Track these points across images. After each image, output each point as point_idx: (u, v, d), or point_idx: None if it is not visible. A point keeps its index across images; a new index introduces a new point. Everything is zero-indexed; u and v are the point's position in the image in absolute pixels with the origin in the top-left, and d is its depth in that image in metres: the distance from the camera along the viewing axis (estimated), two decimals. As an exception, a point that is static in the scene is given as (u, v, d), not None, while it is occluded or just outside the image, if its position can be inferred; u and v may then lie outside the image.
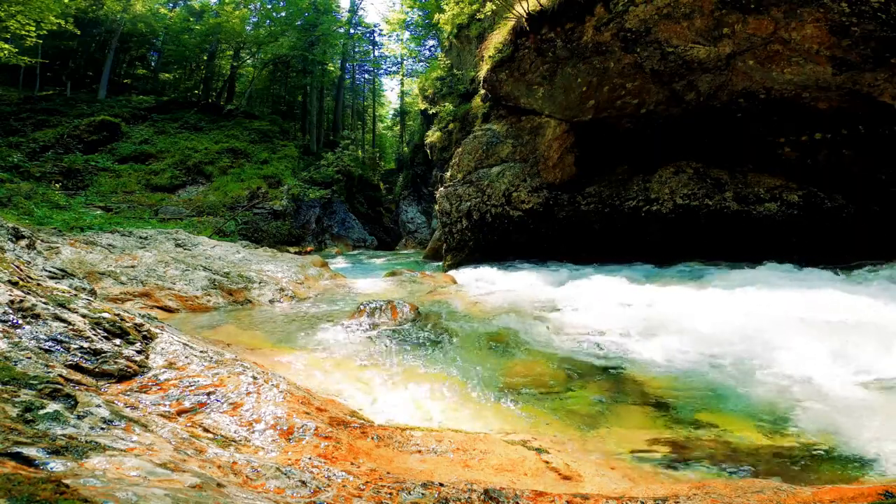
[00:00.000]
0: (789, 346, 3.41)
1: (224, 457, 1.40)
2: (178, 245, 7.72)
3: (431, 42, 31.45)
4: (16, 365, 1.46)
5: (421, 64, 33.99)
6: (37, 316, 1.81)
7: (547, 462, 1.91)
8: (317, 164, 24.18)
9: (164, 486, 0.97)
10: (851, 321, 3.84)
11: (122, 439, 1.27)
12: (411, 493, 1.36)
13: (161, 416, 1.60)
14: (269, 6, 29.01)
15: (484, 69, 9.43)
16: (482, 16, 12.50)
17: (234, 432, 1.67)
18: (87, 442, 1.16)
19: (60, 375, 1.52)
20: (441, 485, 1.42)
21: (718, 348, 3.60)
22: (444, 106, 19.25)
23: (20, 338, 1.64)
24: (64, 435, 1.15)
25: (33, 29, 15.71)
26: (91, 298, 2.52)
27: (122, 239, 7.40)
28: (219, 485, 1.11)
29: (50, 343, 1.71)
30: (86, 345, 1.81)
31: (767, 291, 5.06)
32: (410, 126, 35.89)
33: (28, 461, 0.96)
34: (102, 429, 1.29)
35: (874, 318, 3.90)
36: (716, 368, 3.30)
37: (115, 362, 1.83)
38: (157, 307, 4.98)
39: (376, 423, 2.20)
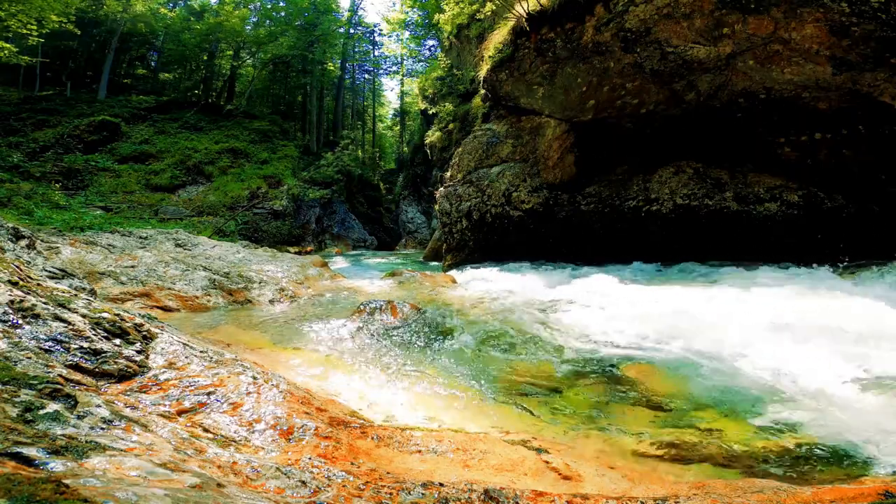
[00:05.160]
0: (789, 346, 3.41)
1: (224, 457, 1.40)
2: (178, 245, 7.72)
3: (431, 42, 31.46)
4: (16, 365, 1.46)
5: (421, 64, 34.00)
6: (37, 316, 1.81)
7: (547, 462, 1.91)
8: (317, 164, 24.20)
9: (164, 486, 0.97)
10: (851, 321, 3.84)
11: (122, 439, 1.27)
12: (411, 493, 1.36)
13: (161, 416, 1.60)
14: (269, 6, 29.01)
15: (484, 69, 9.42)
16: (482, 16, 12.49)
17: (234, 432, 1.67)
18: (87, 442, 1.16)
19: (60, 375, 1.52)
20: (441, 485, 1.42)
21: (718, 348, 3.60)
22: (444, 106, 19.26)
23: (20, 338, 1.64)
24: (64, 435, 1.15)
25: (35, 28, 15.71)
26: (91, 298, 2.52)
27: (122, 239, 7.41)
28: (219, 485, 1.11)
29: (50, 343, 1.71)
30: (86, 345, 1.81)
31: (767, 291, 5.06)
32: (410, 126, 35.91)
33: (28, 461, 0.96)
34: (102, 429, 1.29)
35: (874, 318, 3.90)
36: (716, 368, 3.30)
37: (115, 362, 1.83)
38: (157, 307, 4.98)
39: (376, 423, 2.20)
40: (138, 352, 2.00)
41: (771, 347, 3.45)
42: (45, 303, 1.93)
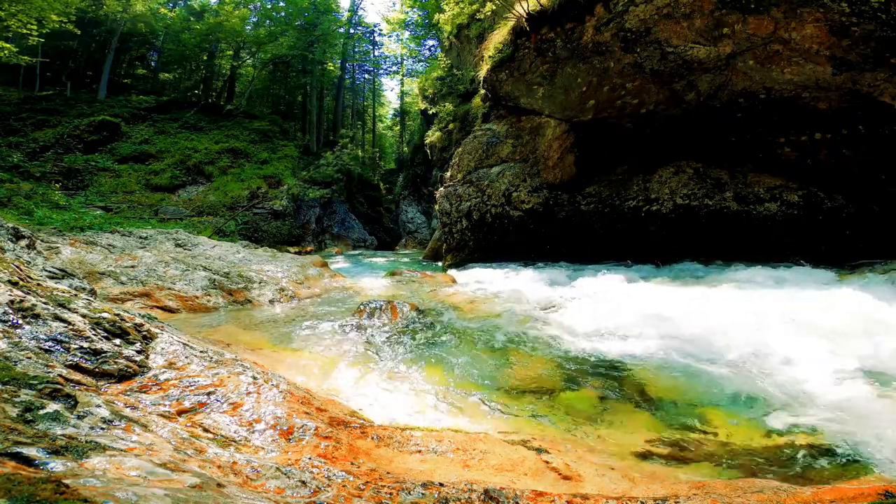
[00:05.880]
0: (789, 346, 3.41)
1: (224, 457, 1.40)
2: (178, 245, 7.72)
3: (431, 42, 31.44)
4: (16, 365, 1.46)
5: (421, 64, 33.98)
6: (37, 316, 1.81)
7: (547, 462, 1.91)
8: (317, 164, 24.20)
9: (164, 486, 0.97)
10: (851, 321, 3.84)
11: (122, 439, 1.27)
12: (411, 493, 1.36)
13: (161, 416, 1.60)
14: (269, 6, 29.00)
15: (484, 69, 9.42)
16: (482, 16, 12.49)
17: (234, 432, 1.67)
18: (87, 442, 1.16)
19: (60, 375, 1.52)
20: (441, 485, 1.42)
21: (718, 348, 3.60)
22: (444, 106, 19.25)
23: (20, 338, 1.64)
24: (64, 435, 1.15)
25: (35, 28, 15.72)
26: (91, 298, 2.52)
27: (122, 239, 7.41)
28: (219, 485, 1.11)
29: (50, 343, 1.71)
30: (86, 345, 1.81)
31: (767, 291, 5.06)
32: (410, 126, 35.90)
33: (28, 461, 0.96)
34: (102, 429, 1.29)
35: (873, 318, 3.90)
36: (715, 368, 3.30)
37: (115, 362, 1.83)
38: (157, 307, 4.98)
39: (376, 423, 2.20)
40: (138, 352, 2.00)
41: (771, 347, 3.45)
42: (45, 303, 1.93)
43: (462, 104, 18.68)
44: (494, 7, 9.73)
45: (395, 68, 38.73)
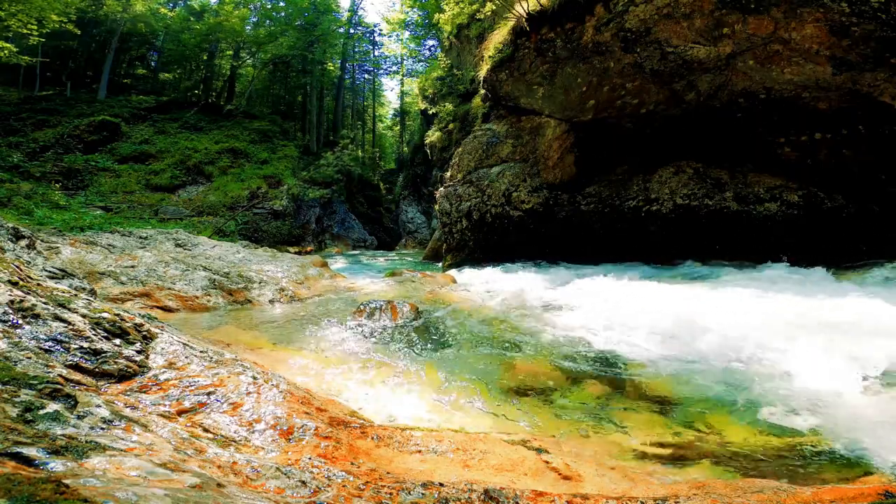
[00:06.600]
0: (788, 346, 3.41)
1: (224, 457, 1.40)
2: (178, 245, 7.72)
3: (431, 42, 31.45)
4: (16, 365, 1.46)
5: (421, 64, 33.99)
6: (37, 316, 1.81)
7: (547, 462, 1.91)
8: (317, 164, 24.22)
9: (164, 486, 0.97)
10: (851, 321, 3.84)
11: (122, 439, 1.27)
12: (411, 493, 1.36)
13: (161, 416, 1.60)
14: (269, 6, 29.00)
15: (484, 69, 9.42)
16: (482, 16, 12.49)
17: (234, 432, 1.67)
18: (87, 442, 1.16)
19: (60, 375, 1.52)
20: (441, 485, 1.42)
21: (718, 348, 3.60)
22: (444, 106, 19.26)
23: (20, 338, 1.64)
24: (64, 435, 1.15)
25: (35, 28, 15.73)
26: (91, 298, 2.52)
27: (122, 239, 7.41)
28: (219, 485, 1.11)
29: (50, 343, 1.71)
30: (86, 345, 1.81)
31: (767, 291, 5.06)
32: (410, 126, 35.91)
33: (28, 461, 0.96)
34: (102, 429, 1.29)
35: (873, 318, 3.90)
36: (715, 368, 3.30)
37: (115, 362, 1.83)
38: (157, 307, 4.98)
39: (376, 423, 2.20)
40: (138, 352, 2.00)
41: (771, 347, 3.45)
42: (45, 303, 1.93)
43: (462, 104, 18.69)
44: (494, 7, 9.73)
45: (395, 68, 38.77)
